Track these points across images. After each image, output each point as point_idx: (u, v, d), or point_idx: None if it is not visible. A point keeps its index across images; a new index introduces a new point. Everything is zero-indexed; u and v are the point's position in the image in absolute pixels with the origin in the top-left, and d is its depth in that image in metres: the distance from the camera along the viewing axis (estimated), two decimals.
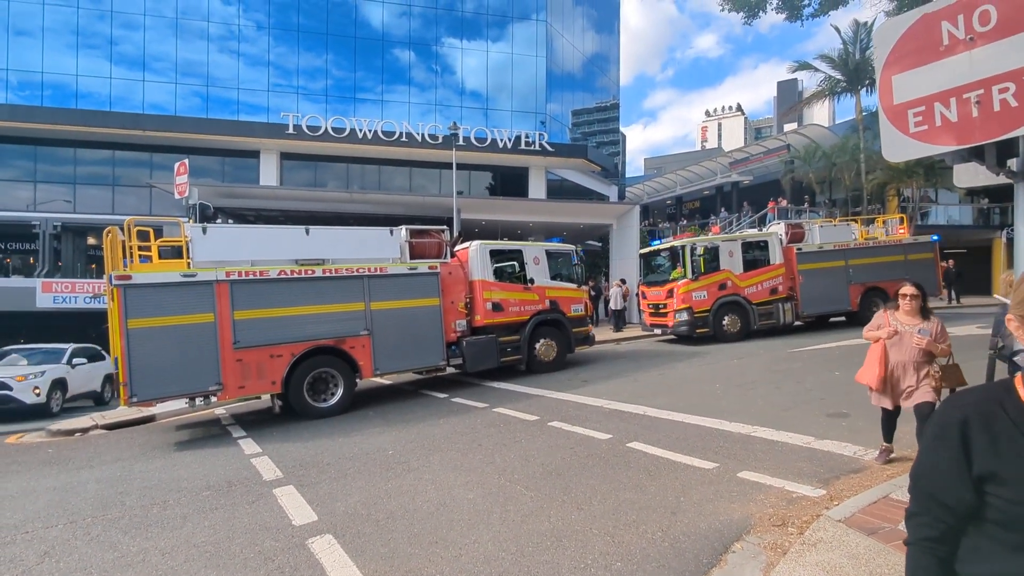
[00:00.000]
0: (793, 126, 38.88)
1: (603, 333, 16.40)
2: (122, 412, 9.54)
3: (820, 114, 62.32)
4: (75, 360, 13.10)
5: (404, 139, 24.61)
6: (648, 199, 38.44)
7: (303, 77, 27.78)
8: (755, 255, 13.64)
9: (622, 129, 47.67)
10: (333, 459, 5.90)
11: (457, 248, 10.46)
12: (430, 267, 9.19)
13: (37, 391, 11.72)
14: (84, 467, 6.54)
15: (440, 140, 24.28)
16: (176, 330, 7.26)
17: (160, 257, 7.94)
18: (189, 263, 7.62)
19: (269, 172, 24.97)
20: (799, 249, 13.64)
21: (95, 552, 3.91)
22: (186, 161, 15.88)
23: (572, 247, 11.81)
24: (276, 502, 4.66)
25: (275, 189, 22.48)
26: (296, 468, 5.65)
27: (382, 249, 8.97)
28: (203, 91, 26.55)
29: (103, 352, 13.81)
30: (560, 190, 29.41)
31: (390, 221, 10.09)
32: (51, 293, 19.29)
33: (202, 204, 16.16)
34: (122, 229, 7.50)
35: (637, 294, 17.09)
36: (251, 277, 7.77)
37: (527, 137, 25.91)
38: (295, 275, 8.07)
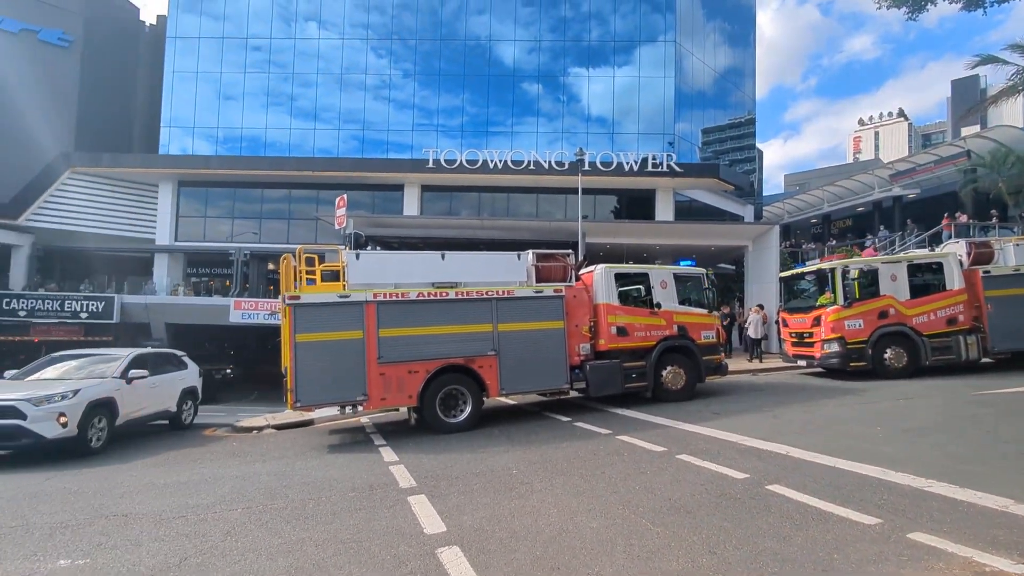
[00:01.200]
0: (974, 129, 33.31)
1: (737, 362, 15.20)
2: (288, 415, 10.82)
3: (1011, 114, 52.81)
4: (133, 372, 9.42)
5: (532, 167, 25.40)
6: (789, 218, 35.25)
7: (442, 115, 30.10)
8: (925, 279, 11.80)
9: (759, 145, 44.56)
10: (461, 473, 6.13)
11: (582, 272, 10.45)
12: (555, 290, 9.28)
13: (64, 420, 7.94)
14: (258, 460, 7.51)
15: (566, 166, 24.66)
16: (332, 345, 8.11)
17: (322, 280, 8.99)
18: (344, 285, 8.51)
19: (411, 203, 27.22)
20: (986, 272, 11.54)
21: (264, 536, 4.44)
22: (345, 196, 17.90)
23: (702, 270, 11.19)
24: (410, 509, 4.94)
25: (415, 218, 24.45)
26: (428, 479, 5.95)
27: (510, 273, 9.26)
28: (360, 134, 29.93)
29: (185, 359, 11.60)
30: (689, 211, 28.16)
31: (518, 246, 10.43)
32: (240, 310, 22.73)
33: (356, 233, 18.04)
34: (294, 256, 8.63)
35: (777, 321, 15.64)
36: (394, 299, 8.45)
37: (654, 159, 25.31)
38: (431, 297, 8.63)
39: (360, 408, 8.45)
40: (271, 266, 28.23)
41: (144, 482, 6.55)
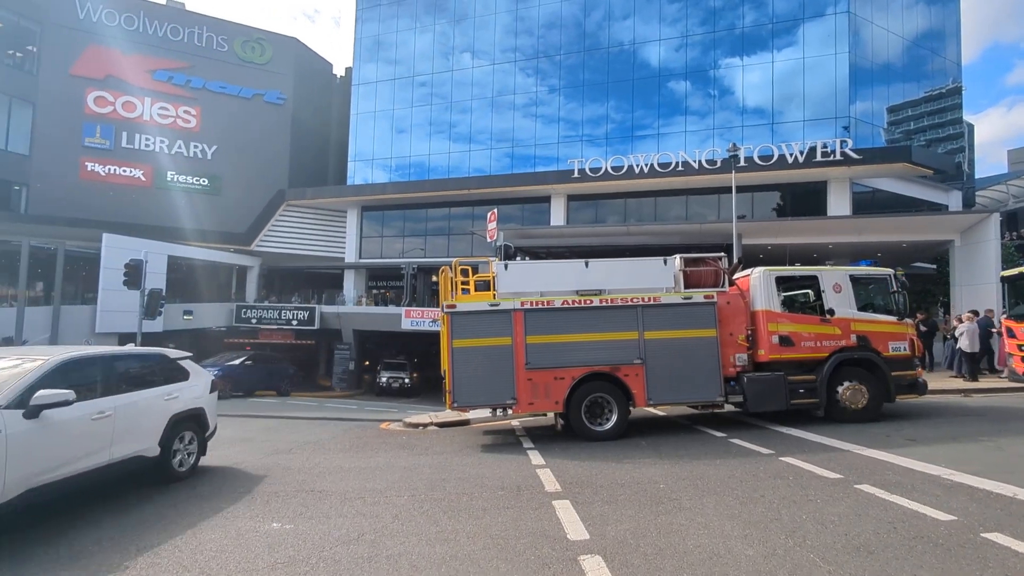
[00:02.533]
0: None
1: (939, 380, 12.70)
2: (448, 414, 11.69)
3: None
4: (44, 395, 4.77)
5: (680, 168, 24.20)
6: (1015, 203, 28.52)
7: (587, 126, 30.19)
8: None
9: (968, 118, 36.64)
10: (606, 482, 6.03)
11: (737, 276, 9.64)
12: (705, 296, 8.71)
13: None
14: (423, 454, 8.23)
15: (718, 164, 23.02)
16: (484, 350, 8.59)
17: (475, 290, 9.59)
18: (495, 294, 8.97)
19: (558, 213, 27.71)
20: None
21: (424, 524, 4.86)
22: (495, 210, 18.90)
23: (888, 271, 9.57)
24: (554, 513, 5.00)
25: (561, 228, 24.81)
26: (573, 485, 5.96)
27: (656, 279, 8.92)
28: (510, 151, 31.38)
29: (187, 364, 7.20)
30: (871, 204, 24.36)
31: (666, 251, 10.00)
32: (410, 318, 25.22)
33: (506, 245, 18.92)
34: (451, 268, 9.34)
35: (999, 331, 12.73)
36: (539, 307, 8.67)
37: (824, 147, 22.38)
38: (575, 305, 8.68)
39: (510, 411, 8.79)
40: (434, 278, 30.84)
41: (335, 465, 7.58)
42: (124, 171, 28.98)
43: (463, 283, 9.49)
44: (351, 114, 34.02)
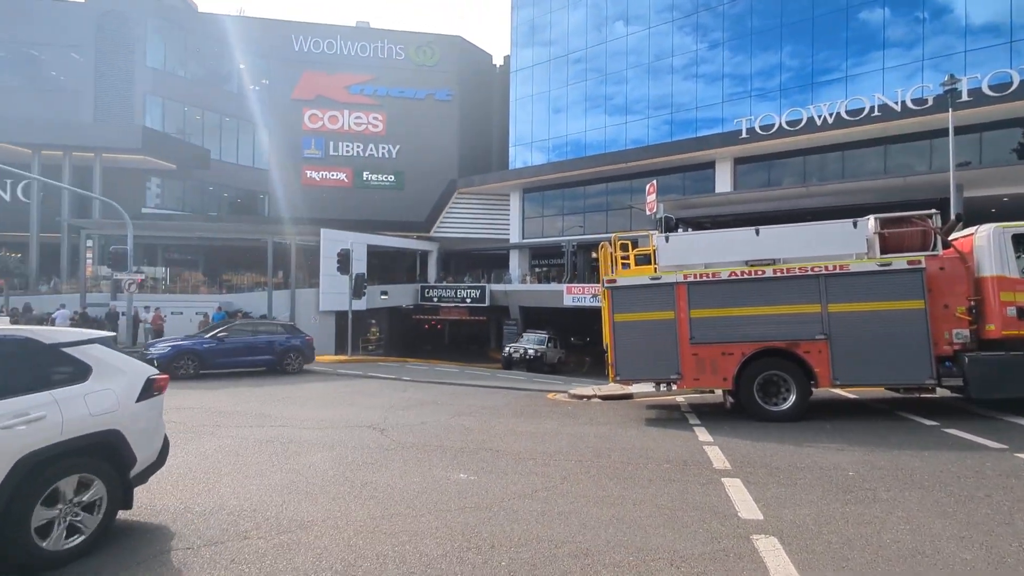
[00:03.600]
0: None
1: None
2: (611, 388, 11.79)
3: None
4: None
5: (876, 114, 20.41)
6: None
7: (757, 79, 27.04)
8: None
9: None
10: (783, 464, 5.61)
11: (955, 237, 7.98)
12: (909, 262, 7.39)
13: None
14: (587, 424, 8.49)
15: (929, 103, 18.92)
16: (646, 324, 8.46)
17: (635, 264, 9.45)
18: (655, 268, 8.75)
19: (723, 179, 25.52)
20: None
21: (591, 487, 5.08)
22: (655, 182, 18.19)
23: None
24: (724, 491, 4.84)
25: (728, 195, 22.78)
26: (743, 464, 5.67)
27: (843, 244, 7.83)
28: (668, 118, 29.65)
29: (71, 355, 3.82)
30: None
31: (856, 212, 8.66)
32: (571, 294, 25.70)
33: (666, 216, 18.11)
34: (610, 243, 9.32)
35: None
36: (704, 279, 8.23)
37: None
38: (745, 276, 8.05)
39: (674, 386, 8.57)
40: (593, 254, 30.81)
41: (509, 428, 8.24)
42: (332, 175, 34.17)
43: (623, 258, 9.41)
44: (511, 100, 35.24)
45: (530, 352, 22.95)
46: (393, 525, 4.14)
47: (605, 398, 11.48)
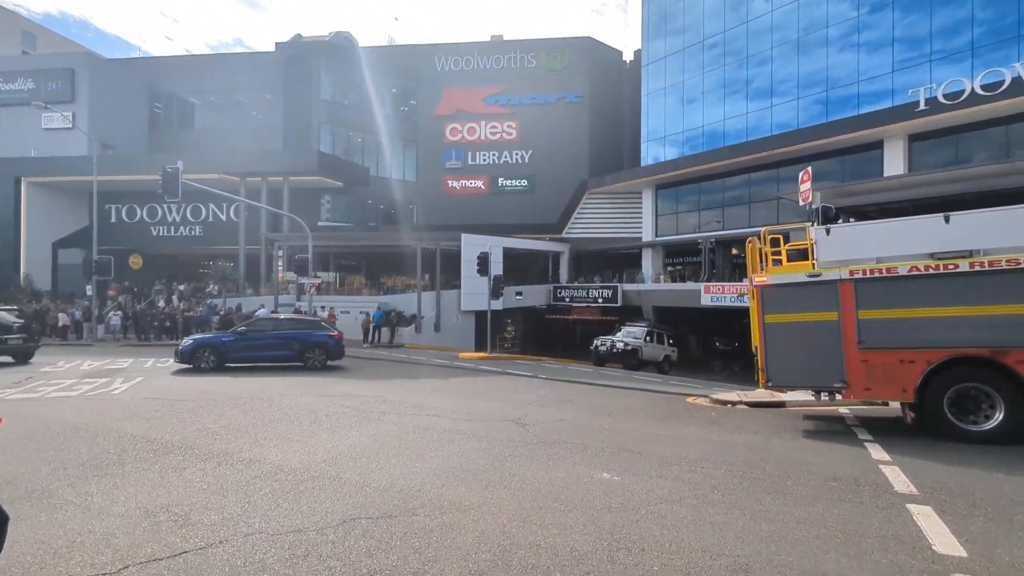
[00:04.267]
0: None
1: None
2: (760, 394, 10.87)
3: None
4: None
5: None
6: None
7: (937, 40, 22.83)
8: None
9: None
10: (988, 495, 4.71)
11: None
12: None
13: None
14: (734, 431, 7.94)
15: None
16: (803, 326, 7.67)
17: (788, 260, 8.61)
18: (814, 264, 7.88)
19: (894, 160, 22.00)
20: None
21: (745, 499, 4.75)
22: (809, 169, 16.27)
23: None
24: (910, 518, 4.21)
25: (901, 178, 19.44)
26: (935, 491, 4.87)
27: None
28: (823, 97, 26.38)
29: None
30: None
31: None
32: (710, 293, 24.15)
33: (824, 207, 16.08)
34: (759, 238, 8.61)
35: None
36: (876, 275, 7.21)
37: None
38: (930, 271, 6.89)
39: (838, 396, 7.64)
40: (735, 251, 28.57)
41: (649, 431, 8.03)
42: (470, 183, 36.21)
43: (774, 254, 8.62)
44: (642, 95, 34.16)
45: (618, 345, 20.77)
46: (543, 517, 4.30)
47: (753, 405, 10.63)
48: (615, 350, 20.85)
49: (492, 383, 13.60)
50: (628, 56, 39.58)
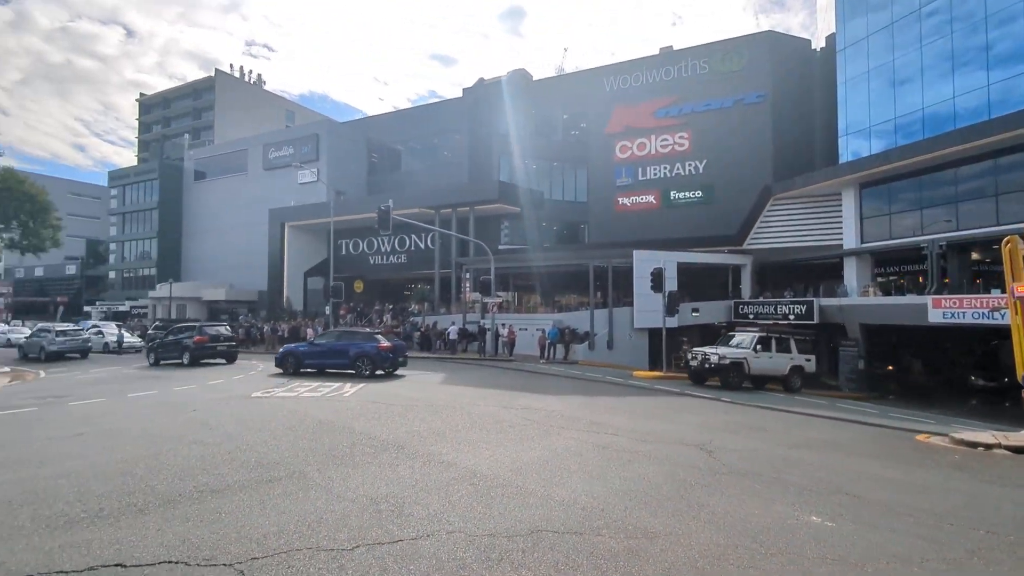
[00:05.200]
0: None
1: None
2: None
3: None
4: None
5: None
6: None
7: None
8: None
9: None
10: None
11: None
12: None
13: None
14: (992, 482, 6.22)
15: None
16: None
17: None
18: None
19: None
20: None
21: None
22: None
23: None
24: None
25: None
26: None
27: None
28: None
29: None
30: None
31: None
32: (941, 309, 19.52)
33: None
34: (1022, 237, 6.72)
35: None
36: None
37: None
38: None
39: None
40: (975, 255, 22.71)
41: (865, 471, 6.72)
42: (641, 199, 35.32)
43: None
44: (838, 84, 29.62)
45: (712, 359, 16.31)
46: (740, 557, 3.86)
47: (1017, 451, 8.21)
48: (708, 365, 16.68)
49: (670, 403, 12.87)
50: (818, 43, 34.83)
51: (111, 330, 29.30)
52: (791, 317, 25.25)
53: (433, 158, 42.75)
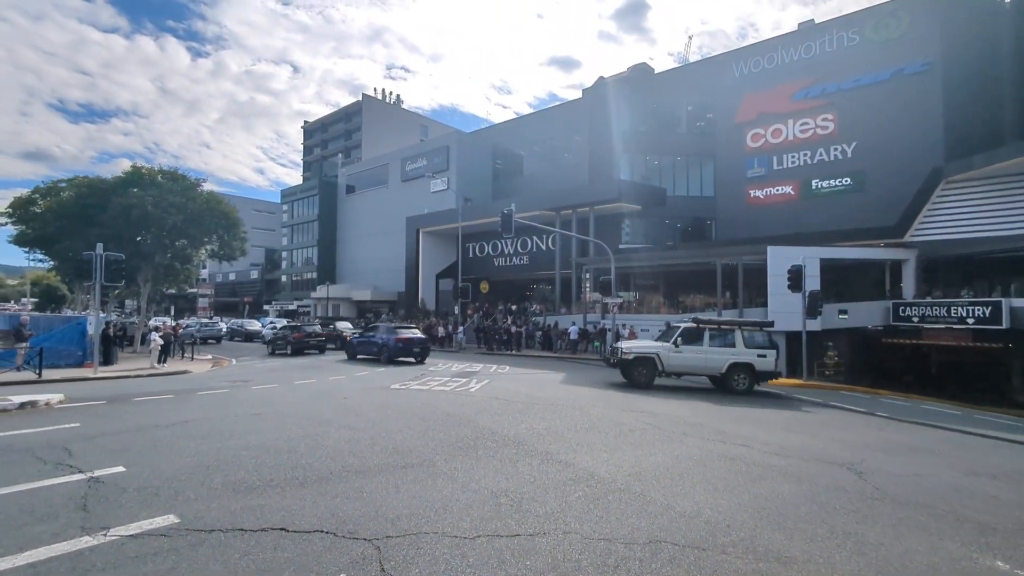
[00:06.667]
0: None
1: None
2: None
3: None
4: None
5: None
6: None
7: None
8: None
9: None
10: None
11: None
12: None
13: None
14: None
15: None
16: None
17: None
18: None
19: None
20: None
21: None
22: None
23: None
24: None
25: None
26: None
27: None
28: None
29: None
30: None
31: None
32: None
33: None
34: None
35: None
36: None
37: None
38: None
39: None
40: None
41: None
42: (777, 190, 32.01)
43: None
44: None
45: (620, 353, 14.66)
46: None
47: None
48: (613, 360, 15.01)
49: (810, 416, 11.49)
50: None
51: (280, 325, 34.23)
52: (970, 320, 21.06)
53: (554, 160, 43.11)
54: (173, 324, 31.38)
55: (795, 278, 17.72)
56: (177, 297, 60.25)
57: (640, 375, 14.57)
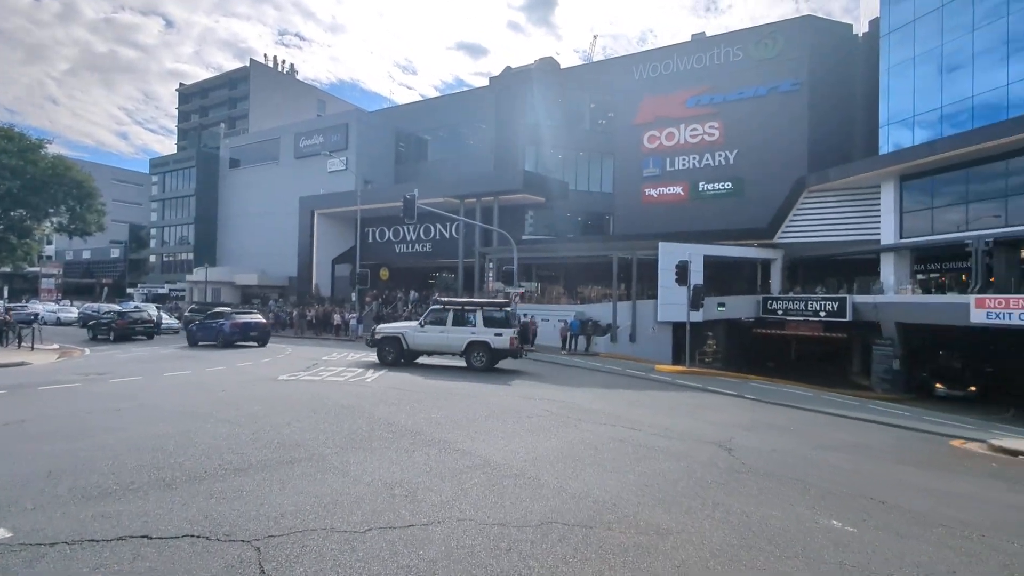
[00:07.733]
0: None
1: None
2: None
3: None
4: None
5: None
6: None
7: None
8: None
9: None
10: None
11: None
12: None
13: None
14: None
15: None
16: None
17: None
18: None
19: None
20: None
21: None
22: None
23: None
24: None
25: None
26: None
27: None
28: None
29: None
30: None
31: None
32: (984, 309, 18.61)
33: None
34: None
35: None
36: None
37: None
38: None
39: None
40: None
41: (895, 477, 6.48)
42: (669, 190, 34.62)
43: None
44: (881, 71, 28.29)
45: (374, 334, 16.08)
46: (754, 559, 3.77)
47: None
48: (369, 341, 16.30)
49: (691, 399, 12.67)
50: (861, 28, 33.29)
51: (151, 311, 30.48)
52: (822, 314, 24.51)
53: (459, 147, 42.72)
54: (5, 308, 26.54)
55: (682, 273, 19.34)
56: (13, 276, 50.92)
57: (387, 353, 15.34)
